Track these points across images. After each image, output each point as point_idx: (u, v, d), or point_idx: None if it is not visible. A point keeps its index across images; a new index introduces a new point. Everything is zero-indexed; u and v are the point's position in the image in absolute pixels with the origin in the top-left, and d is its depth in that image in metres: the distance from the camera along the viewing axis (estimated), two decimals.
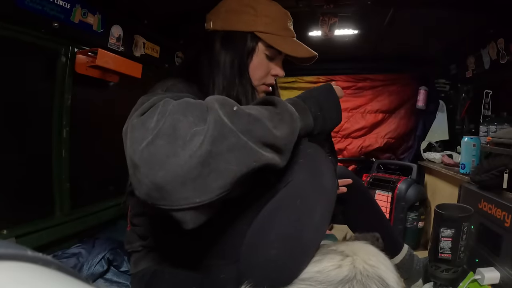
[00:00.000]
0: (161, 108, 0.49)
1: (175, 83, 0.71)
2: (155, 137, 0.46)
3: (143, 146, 0.46)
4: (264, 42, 0.79)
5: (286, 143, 0.54)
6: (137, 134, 0.48)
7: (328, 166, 0.66)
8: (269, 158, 0.51)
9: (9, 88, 0.95)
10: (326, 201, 0.62)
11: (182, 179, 0.45)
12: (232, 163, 0.47)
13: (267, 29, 0.78)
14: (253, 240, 0.61)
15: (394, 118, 2.19)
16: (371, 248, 0.65)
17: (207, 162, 0.45)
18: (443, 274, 0.96)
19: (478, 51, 1.49)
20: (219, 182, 0.47)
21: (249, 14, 0.78)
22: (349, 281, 0.54)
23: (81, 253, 1.05)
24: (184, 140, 0.45)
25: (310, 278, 0.56)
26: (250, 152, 0.49)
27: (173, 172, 0.45)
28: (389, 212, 1.76)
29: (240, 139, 0.48)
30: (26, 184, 1.02)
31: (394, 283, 0.57)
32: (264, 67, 0.81)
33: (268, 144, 0.51)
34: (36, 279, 0.17)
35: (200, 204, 0.46)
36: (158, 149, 0.45)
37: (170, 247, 0.75)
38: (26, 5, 0.90)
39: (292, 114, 0.57)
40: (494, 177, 1.01)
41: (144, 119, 0.49)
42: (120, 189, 0.84)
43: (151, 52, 1.49)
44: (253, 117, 0.51)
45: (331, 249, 0.62)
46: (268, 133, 0.51)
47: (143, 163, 0.46)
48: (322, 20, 1.39)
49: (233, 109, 0.50)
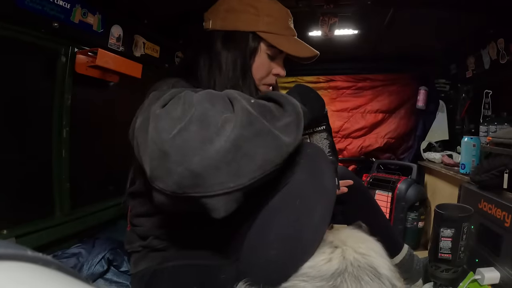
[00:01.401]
0: (184, 99, 0.51)
1: (177, 81, 0.71)
2: (188, 124, 0.47)
3: (175, 133, 0.47)
4: (266, 42, 0.78)
5: (296, 130, 0.55)
6: (164, 124, 0.48)
7: (328, 166, 0.66)
8: (288, 143, 0.53)
9: (9, 88, 0.95)
10: (326, 201, 0.62)
11: (217, 163, 0.46)
12: (262, 146, 0.49)
13: (269, 29, 0.77)
14: (253, 240, 0.61)
15: (394, 118, 2.19)
16: (359, 234, 0.65)
17: (239, 146, 0.47)
18: (443, 274, 0.96)
19: (478, 51, 1.49)
20: (251, 166, 0.48)
21: (250, 13, 0.77)
22: (341, 274, 0.54)
23: (81, 253, 1.05)
24: (216, 126, 0.47)
25: (303, 274, 0.56)
26: (273, 137, 0.51)
27: (209, 157, 0.46)
28: (389, 212, 1.76)
29: (263, 125, 0.50)
30: (26, 184, 1.02)
31: (387, 269, 0.57)
32: (265, 67, 0.81)
33: (283, 131, 0.53)
34: (36, 279, 0.17)
35: (233, 189, 0.48)
36: (192, 135, 0.47)
37: (171, 247, 0.75)
38: (26, 5, 0.90)
39: (296, 107, 0.58)
40: (494, 177, 1.01)
41: (168, 109, 0.50)
42: (120, 189, 0.84)
43: (151, 52, 1.49)
44: (267, 107, 0.54)
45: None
46: (279, 121, 0.53)
47: (175, 150, 0.46)
48: (322, 20, 1.39)
49: (251, 101, 0.53)
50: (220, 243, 0.69)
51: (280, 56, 0.83)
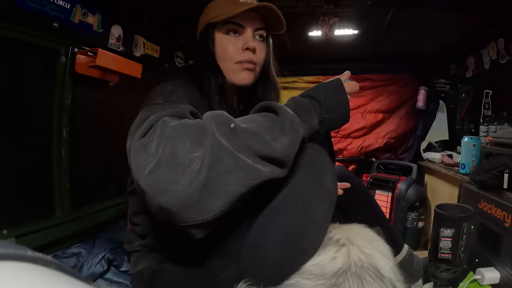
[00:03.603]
0: (159, 131, 0.52)
1: (173, 89, 0.71)
2: (156, 166, 0.49)
3: (146, 173, 0.49)
4: (218, 24, 0.80)
5: (286, 155, 0.55)
6: (140, 159, 0.51)
7: (330, 166, 0.66)
8: (268, 174, 0.53)
9: (9, 88, 0.95)
10: (327, 201, 0.62)
11: (184, 203, 0.48)
12: (231, 184, 0.50)
13: (217, 13, 0.79)
14: (254, 240, 0.61)
15: (394, 118, 2.19)
16: (368, 232, 0.64)
17: (205, 187, 0.48)
18: (443, 274, 0.96)
19: (478, 51, 1.50)
20: (219, 203, 0.50)
21: (205, 14, 0.83)
22: (344, 273, 0.54)
23: (81, 253, 1.05)
24: (183, 166, 0.48)
25: (306, 272, 0.56)
26: (248, 171, 0.51)
27: (175, 198, 0.48)
28: (389, 212, 1.76)
29: (237, 159, 0.50)
30: (26, 184, 1.02)
31: (390, 271, 0.57)
32: (229, 45, 0.80)
33: (267, 158, 0.53)
34: (36, 279, 0.17)
35: (204, 221, 0.50)
36: (159, 177, 0.49)
37: (170, 246, 0.75)
38: (26, 5, 0.91)
39: (293, 123, 0.57)
40: (494, 177, 1.01)
41: (144, 143, 0.53)
42: (120, 189, 0.84)
43: (151, 52, 1.49)
44: (250, 132, 0.52)
45: (328, 237, 0.62)
46: (266, 147, 0.52)
47: (148, 188, 0.49)
48: (322, 20, 1.39)
49: (230, 127, 0.52)
50: (220, 242, 0.69)
51: (244, 31, 0.80)
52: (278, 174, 0.55)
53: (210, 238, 0.70)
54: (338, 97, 0.67)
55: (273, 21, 0.82)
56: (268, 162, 0.53)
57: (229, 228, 0.68)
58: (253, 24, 0.80)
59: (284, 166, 0.56)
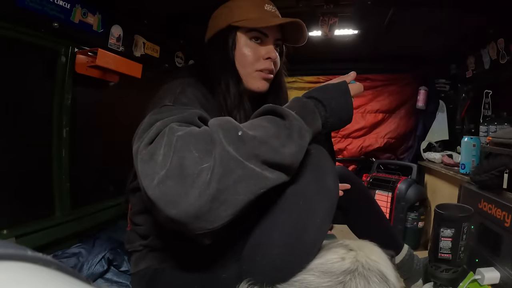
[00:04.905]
0: (166, 139, 0.51)
1: (183, 89, 0.70)
2: (165, 177, 0.49)
3: (155, 184, 0.49)
4: (242, 28, 0.79)
5: (293, 162, 0.55)
6: (147, 169, 0.51)
7: (331, 166, 0.66)
8: (275, 180, 0.53)
9: (9, 88, 0.95)
10: (329, 201, 0.62)
11: (194, 215, 0.48)
12: (240, 193, 0.50)
13: (242, 16, 0.78)
14: (256, 239, 0.61)
15: (394, 118, 2.19)
16: (375, 247, 0.67)
17: (215, 198, 0.48)
18: (443, 274, 0.96)
19: (478, 51, 1.49)
20: (228, 212, 0.50)
21: (224, 13, 0.81)
22: (351, 272, 0.56)
23: (81, 253, 1.05)
24: (192, 178, 0.48)
25: (313, 269, 0.58)
26: (257, 179, 0.51)
27: (185, 210, 0.48)
28: (389, 212, 1.76)
29: (246, 169, 0.50)
30: (26, 184, 1.02)
31: (394, 278, 0.59)
32: (252, 52, 0.80)
33: (275, 165, 0.53)
34: (36, 279, 0.17)
35: (213, 230, 0.50)
36: (168, 189, 0.48)
37: (171, 246, 0.75)
38: (26, 5, 0.91)
39: (301, 129, 0.56)
40: (494, 177, 1.01)
41: (151, 151, 0.52)
42: (120, 189, 0.84)
43: (151, 52, 1.49)
44: (258, 140, 0.52)
45: (339, 243, 0.65)
46: (274, 154, 0.52)
47: (157, 200, 0.49)
48: (322, 20, 1.39)
49: (238, 135, 0.51)
50: (222, 242, 0.69)
51: (267, 40, 0.81)
52: (284, 179, 0.55)
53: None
54: (343, 100, 0.67)
55: (295, 35, 0.84)
56: (275, 169, 0.53)
57: (230, 228, 0.68)
58: (276, 35, 0.81)
59: (290, 172, 0.56)
